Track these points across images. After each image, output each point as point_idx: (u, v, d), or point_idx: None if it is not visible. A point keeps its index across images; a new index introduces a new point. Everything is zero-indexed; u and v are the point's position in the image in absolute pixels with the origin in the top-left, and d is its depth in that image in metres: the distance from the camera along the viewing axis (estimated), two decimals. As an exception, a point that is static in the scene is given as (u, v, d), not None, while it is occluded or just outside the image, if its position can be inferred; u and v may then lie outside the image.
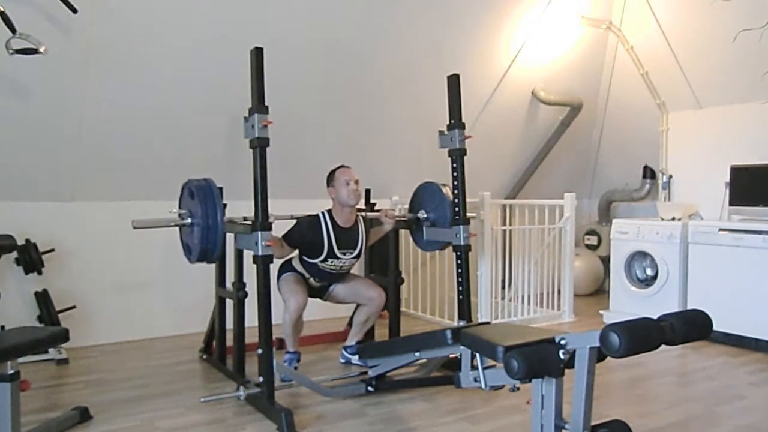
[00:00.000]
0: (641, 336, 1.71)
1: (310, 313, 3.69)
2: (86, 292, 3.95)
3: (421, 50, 4.34)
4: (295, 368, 3.34)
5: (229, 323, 3.27)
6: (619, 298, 4.65)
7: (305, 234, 3.23)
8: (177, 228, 3.00)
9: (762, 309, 3.83)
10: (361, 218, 3.41)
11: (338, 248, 3.26)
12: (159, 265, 4.20)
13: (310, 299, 3.33)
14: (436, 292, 4.78)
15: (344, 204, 3.26)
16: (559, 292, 4.87)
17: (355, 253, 3.34)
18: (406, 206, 4.94)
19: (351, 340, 3.60)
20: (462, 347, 2.31)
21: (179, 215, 2.90)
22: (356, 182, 3.27)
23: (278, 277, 3.35)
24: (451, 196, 3.37)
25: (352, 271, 3.54)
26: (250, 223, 2.84)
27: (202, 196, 2.79)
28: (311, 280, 3.37)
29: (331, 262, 3.28)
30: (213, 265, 3.49)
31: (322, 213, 3.28)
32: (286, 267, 3.40)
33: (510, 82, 4.98)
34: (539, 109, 5.36)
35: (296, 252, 3.34)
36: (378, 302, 3.43)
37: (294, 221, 3.29)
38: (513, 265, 4.78)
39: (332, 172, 3.31)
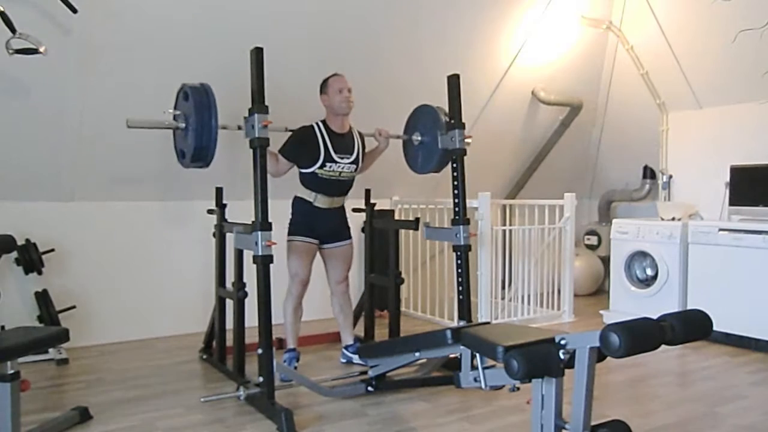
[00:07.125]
0: (641, 336, 1.71)
1: (309, 313, 3.69)
2: (86, 292, 3.95)
3: (421, 50, 4.33)
4: (295, 367, 3.34)
5: (229, 323, 3.27)
6: (619, 298, 4.65)
7: (300, 140, 3.26)
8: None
9: (762, 309, 3.83)
10: (356, 130, 3.44)
11: (335, 152, 3.28)
12: (159, 265, 4.20)
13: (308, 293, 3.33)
14: (436, 292, 4.78)
15: (337, 112, 3.30)
16: (559, 292, 4.87)
17: (352, 158, 3.36)
18: (407, 206, 5.00)
19: (346, 338, 3.61)
20: (462, 347, 2.31)
21: (174, 117, 2.89)
22: (349, 90, 3.30)
23: (288, 233, 3.35)
24: (444, 119, 3.37)
25: (350, 252, 3.54)
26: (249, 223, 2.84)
27: (197, 98, 2.79)
28: (317, 200, 3.33)
29: (330, 167, 3.29)
30: (213, 266, 3.49)
31: (315, 122, 3.33)
32: (295, 218, 3.38)
33: (510, 82, 4.98)
34: (539, 109, 5.36)
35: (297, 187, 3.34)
36: (339, 290, 3.51)
37: (289, 134, 3.30)
38: (513, 265, 4.78)
39: (326, 80, 3.34)
